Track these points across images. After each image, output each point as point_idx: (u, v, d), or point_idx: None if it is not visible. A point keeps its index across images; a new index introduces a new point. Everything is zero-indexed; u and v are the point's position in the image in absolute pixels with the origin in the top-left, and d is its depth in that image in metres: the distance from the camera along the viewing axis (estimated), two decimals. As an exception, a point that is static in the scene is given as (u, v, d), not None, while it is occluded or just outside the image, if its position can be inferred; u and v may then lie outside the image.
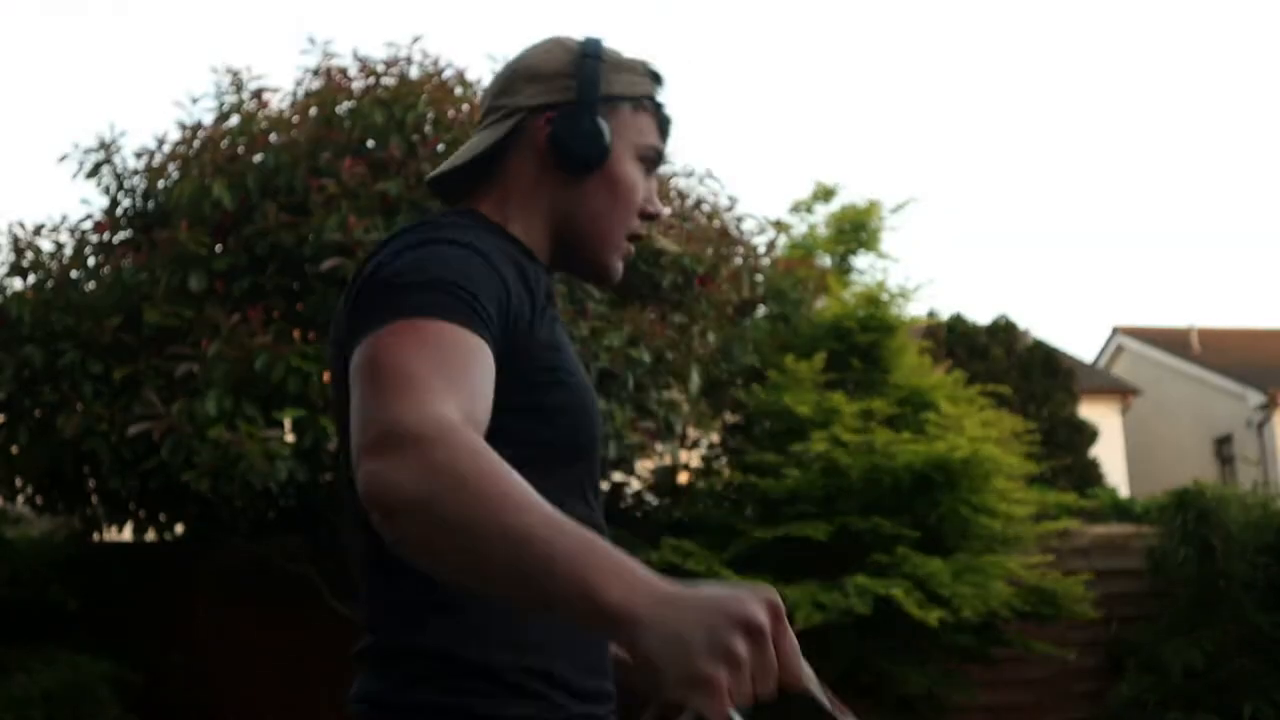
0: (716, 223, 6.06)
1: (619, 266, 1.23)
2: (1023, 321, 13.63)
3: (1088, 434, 12.26)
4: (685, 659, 0.75)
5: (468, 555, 0.83)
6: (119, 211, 5.38)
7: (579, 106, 1.16)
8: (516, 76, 1.21)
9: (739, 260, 5.89)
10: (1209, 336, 20.06)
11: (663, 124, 1.24)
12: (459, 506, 0.83)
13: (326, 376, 4.49)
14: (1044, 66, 48.58)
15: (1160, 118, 48.96)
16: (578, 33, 1.24)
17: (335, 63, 5.35)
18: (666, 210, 5.77)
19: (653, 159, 1.23)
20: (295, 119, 5.14)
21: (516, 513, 0.82)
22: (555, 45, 1.22)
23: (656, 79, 1.24)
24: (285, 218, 4.69)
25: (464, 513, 0.82)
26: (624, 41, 1.25)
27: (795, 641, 0.80)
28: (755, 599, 0.77)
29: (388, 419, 0.88)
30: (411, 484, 0.84)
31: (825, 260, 13.52)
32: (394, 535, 0.86)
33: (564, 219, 1.19)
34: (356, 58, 5.34)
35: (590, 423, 1.15)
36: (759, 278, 6.09)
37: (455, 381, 0.94)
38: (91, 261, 5.21)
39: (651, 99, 1.23)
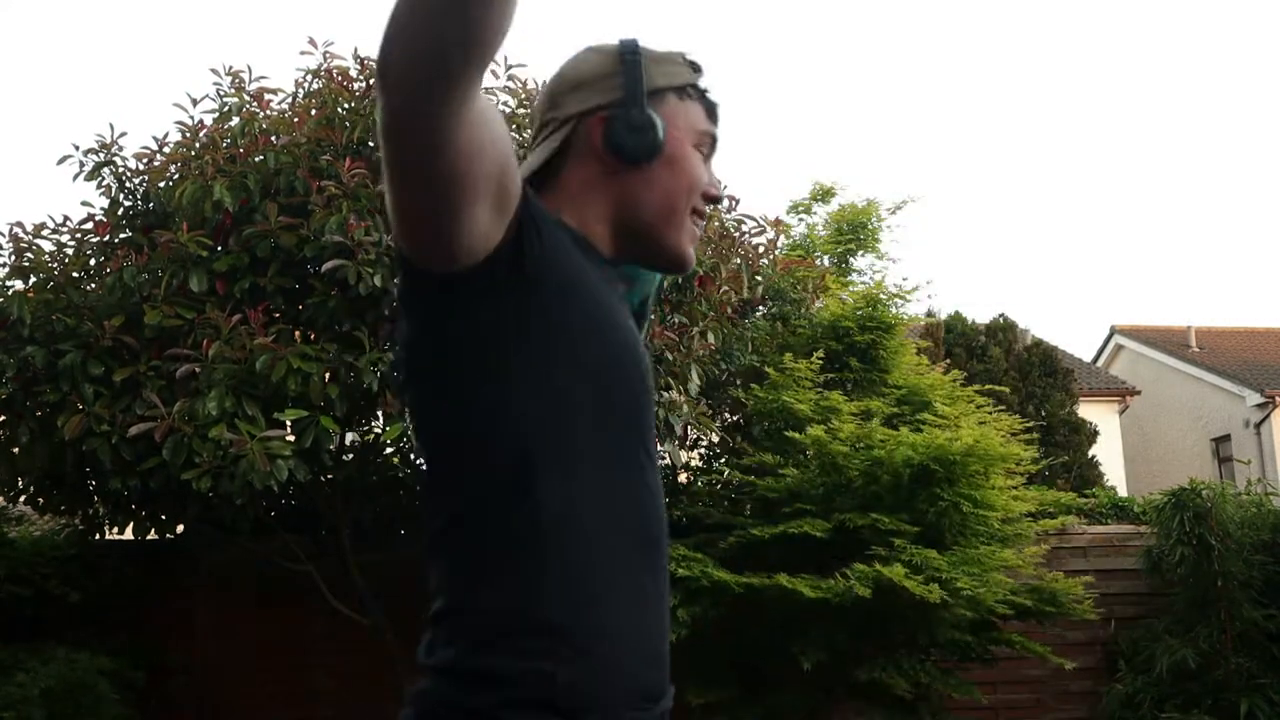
0: (716, 223, 6.08)
1: (690, 251, 1.26)
2: (1021, 321, 13.63)
3: (1086, 433, 12.28)
4: None
5: None
6: (120, 212, 5.39)
7: (628, 101, 1.20)
8: (561, 89, 1.25)
9: (738, 261, 5.90)
10: (1207, 336, 20.09)
11: (709, 108, 1.27)
12: None
13: (328, 376, 4.51)
14: (1044, 66, 48.56)
15: (1159, 118, 48.96)
16: (610, 37, 1.27)
17: (336, 63, 5.36)
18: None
19: (707, 144, 1.26)
20: (296, 120, 5.16)
21: None
22: (592, 52, 1.26)
23: (695, 68, 1.27)
24: (286, 219, 4.71)
25: None
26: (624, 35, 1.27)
27: None
28: None
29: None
30: (388, 30, 0.94)
31: (824, 260, 13.53)
32: (412, 51, 0.94)
33: (628, 211, 1.22)
34: (357, 58, 5.36)
35: (639, 375, 1.17)
36: (758, 278, 6.11)
37: None
38: (92, 262, 5.22)
39: (695, 86, 1.26)
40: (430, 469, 1.13)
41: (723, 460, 6.50)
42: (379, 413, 5.16)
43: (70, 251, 5.19)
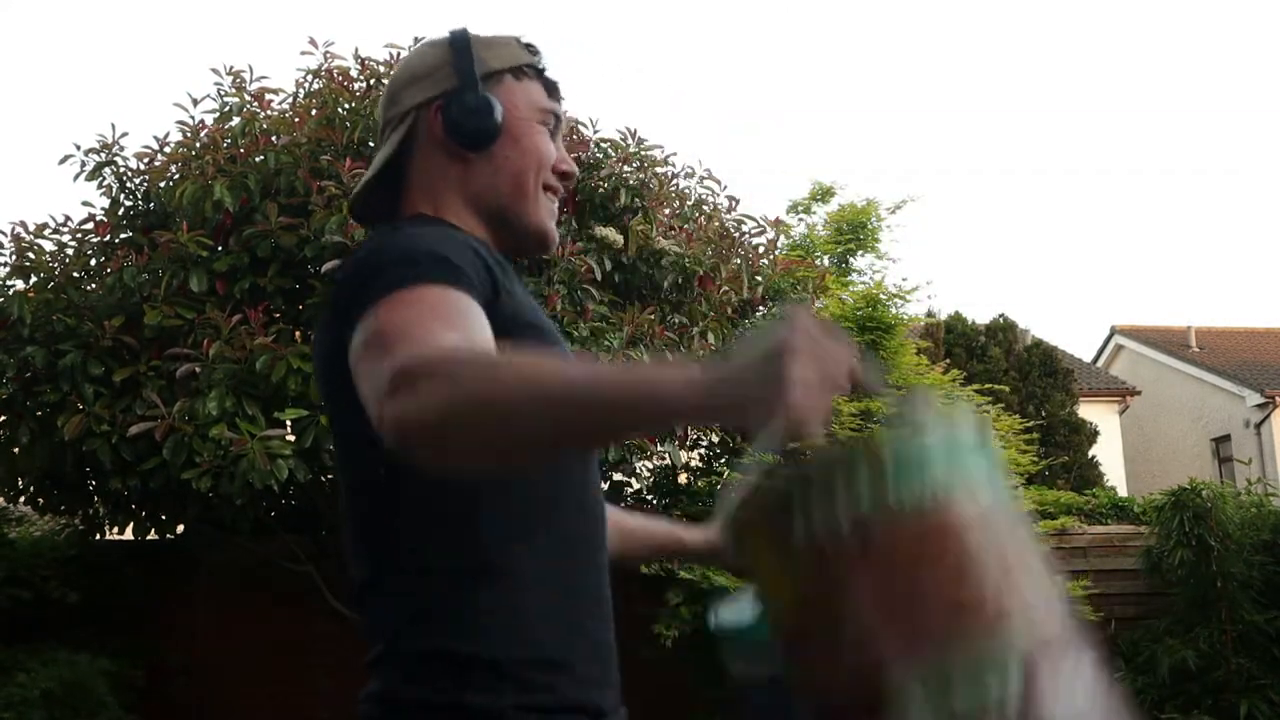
0: (716, 224, 6.08)
1: (551, 227, 1.26)
2: (1021, 321, 13.63)
3: (1086, 433, 12.28)
4: (763, 403, 0.80)
5: (529, 424, 0.85)
6: (120, 212, 5.39)
7: (462, 87, 1.21)
8: (399, 85, 1.26)
9: (738, 261, 5.90)
10: (1207, 336, 20.09)
11: (549, 86, 1.28)
12: (499, 387, 0.85)
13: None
14: (1045, 66, 48.57)
15: (1160, 118, 48.98)
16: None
17: (337, 64, 5.36)
18: (666, 211, 5.79)
19: (551, 120, 1.27)
20: (296, 120, 5.16)
21: (555, 371, 0.87)
22: (425, 46, 1.28)
23: (531, 48, 1.28)
24: (286, 219, 4.71)
25: (507, 389, 0.85)
26: (624, 41, 1.27)
27: (843, 337, 0.87)
28: (794, 325, 0.83)
29: (393, 366, 0.90)
30: (444, 393, 0.85)
31: (824, 260, 13.52)
32: (444, 454, 0.87)
33: (483, 197, 1.22)
34: (358, 58, 5.36)
35: None
36: (758, 278, 6.10)
37: (450, 323, 0.97)
38: (93, 262, 5.23)
39: (532, 66, 1.27)
40: (357, 507, 1.12)
41: (723, 460, 6.50)
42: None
43: (71, 251, 5.19)
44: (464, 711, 1.02)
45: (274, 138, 5.06)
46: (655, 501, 6.62)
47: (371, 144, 5.09)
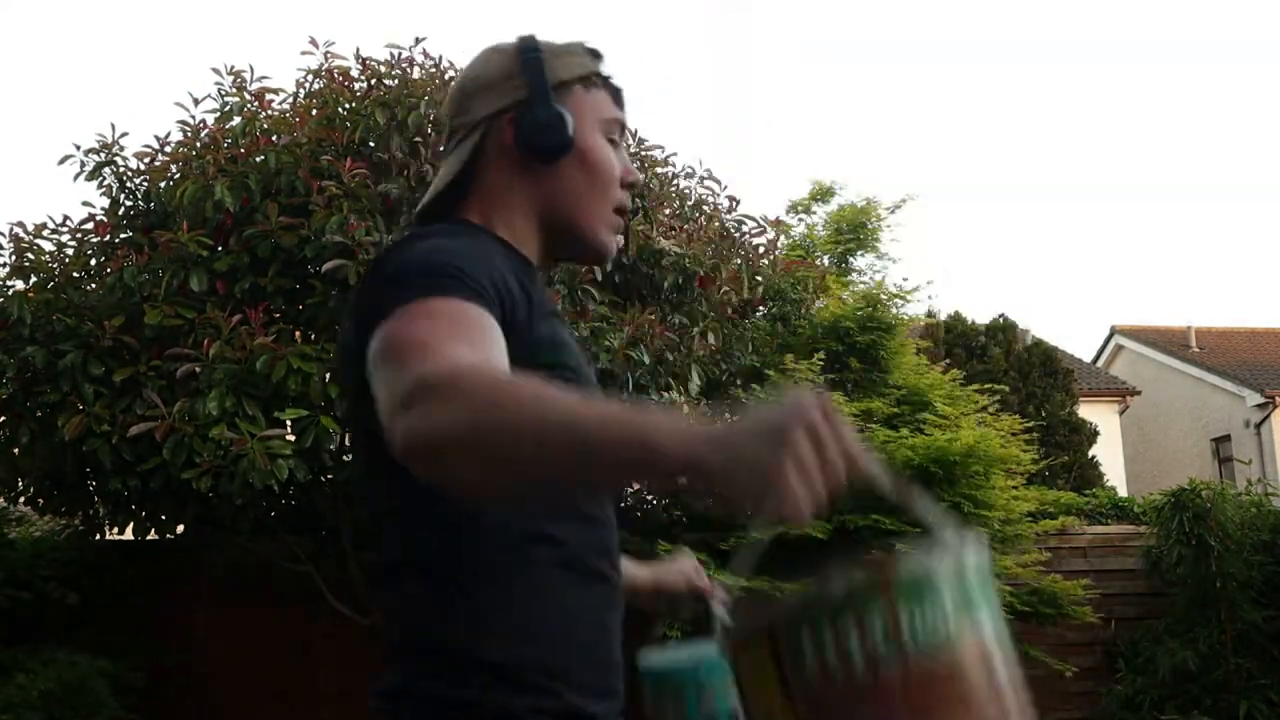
0: (716, 224, 6.08)
1: (611, 242, 1.26)
2: (1021, 321, 13.63)
3: (1086, 433, 12.28)
4: (754, 474, 0.78)
5: (525, 460, 0.85)
6: (120, 212, 5.39)
7: (534, 100, 1.20)
8: (466, 93, 1.25)
9: (739, 261, 5.90)
10: (1207, 336, 20.09)
11: (615, 94, 1.27)
12: (501, 418, 0.85)
13: (328, 376, 4.52)
14: (1045, 64, 48.59)
15: (1160, 118, 48.98)
16: (532, 34, 1.27)
17: (337, 64, 5.36)
18: (667, 211, 5.79)
19: (617, 130, 1.27)
20: (297, 120, 5.16)
21: (555, 406, 0.85)
22: (493, 53, 1.26)
23: (596, 55, 1.27)
24: (286, 219, 4.71)
25: (507, 421, 0.84)
26: (623, 39, 1.27)
27: (851, 431, 0.83)
28: (802, 404, 0.81)
29: (409, 380, 0.91)
30: (448, 418, 0.86)
31: (824, 260, 13.52)
32: (450, 475, 0.88)
33: (548, 208, 1.22)
34: (358, 59, 5.36)
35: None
36: (758, 278, 6.10)
37: (467, 339, 0.97)
38: (93, 262, 5.22)
39: (599, 74, 1.26)
40: (377, 502, 1.13)
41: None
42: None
43: (71, 251, 5.19)
44: (480, 710, 1.03)
45: (274, 138, 5.06)
46: (655, 501, 6.63)
47: (371, 144, 5.09)
